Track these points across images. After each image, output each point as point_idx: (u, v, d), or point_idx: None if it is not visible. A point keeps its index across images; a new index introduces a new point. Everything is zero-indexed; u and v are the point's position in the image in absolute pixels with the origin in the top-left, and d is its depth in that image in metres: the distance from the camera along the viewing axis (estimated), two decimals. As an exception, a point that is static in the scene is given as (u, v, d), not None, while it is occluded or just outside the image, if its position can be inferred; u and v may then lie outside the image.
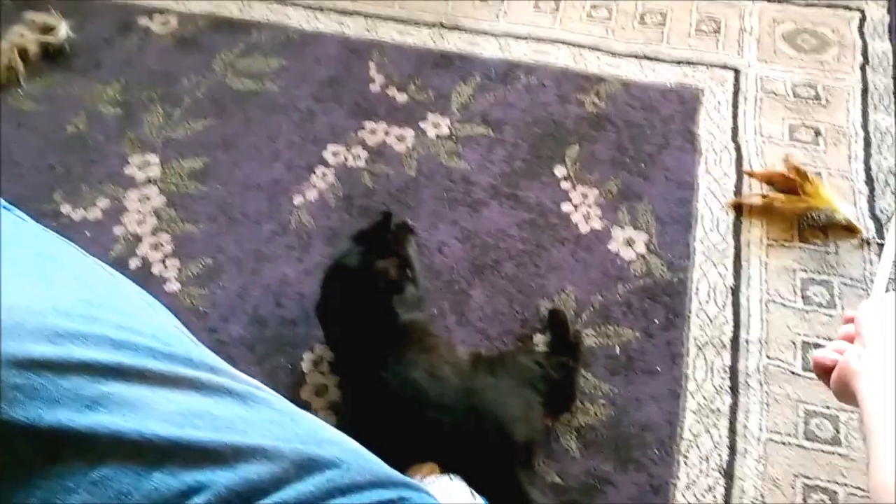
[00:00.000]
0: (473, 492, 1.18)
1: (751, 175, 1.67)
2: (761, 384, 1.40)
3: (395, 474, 0.67)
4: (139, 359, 0.67)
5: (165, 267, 1.57)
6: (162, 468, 0.61)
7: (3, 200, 0.79)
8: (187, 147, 1.76)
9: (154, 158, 1.74)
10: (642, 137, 1.74)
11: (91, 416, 0.62)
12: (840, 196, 1.62)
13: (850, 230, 1.57)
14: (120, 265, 1.56)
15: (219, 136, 1.77)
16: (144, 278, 1.54)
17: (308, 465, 0.62)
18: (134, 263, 1.57)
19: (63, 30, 1.91)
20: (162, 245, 1.60)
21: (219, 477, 0.60)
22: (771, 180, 1.66)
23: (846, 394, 0.81)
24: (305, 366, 1.45)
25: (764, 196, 1.63)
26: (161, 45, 1.95)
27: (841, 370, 0.81)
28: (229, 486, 0.59)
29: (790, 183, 1.62)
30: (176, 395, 0.66)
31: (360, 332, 1.33)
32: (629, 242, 1.59)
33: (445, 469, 1.22)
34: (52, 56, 1.91)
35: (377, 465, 0.67)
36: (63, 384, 0.64)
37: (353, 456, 0.66)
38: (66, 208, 1.65)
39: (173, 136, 1.77)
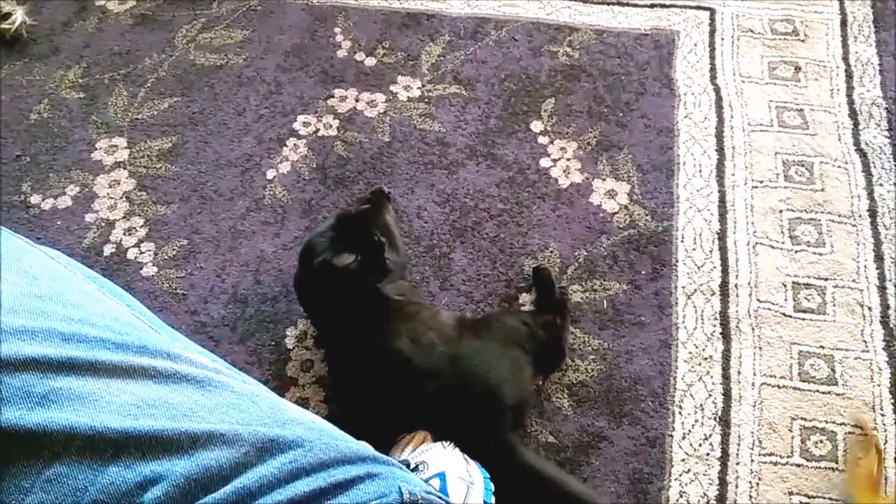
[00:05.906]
0: (468, 458, 1.17)
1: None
2: (753, 328, 1.38)
3: (364, 450, 0.65)
4: (90, 351, 0.65)
5: (140, 251, 1.53)
6: (117, 461, 0.58)
7: None
8: (154, 127, 1.71)
9: (121, 141, 1.69)
10: (618, 86, 1.70)
11: (42, 413, 0.61)
12: None
13: None
14: (94, 252, 1.53)
15: (186, 114, 1.73)
16: (120, 264, 1.51)
17: (269, 447, 0.60)
18: (108, 250, 1.54)
19: (19, 16, 1.86)
20: (135, 229, 1.56)
21: (176, 466, 0.58)
22: None
23: None
24: (289, 342, 1.42)
25: None
26: (120, 24, 1.90)
27: None
28: (187, 474, 0.57)
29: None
30: (130, 386, 0.63)
31: (340, 305, 1.30)
32: (611, 194, 1.55)
33: (437, 437, 1.20)
34: (10, 43, 1.86)
35: (344, 442, 0.65)
36: (11, 382, 0.62)
37: (317, 434, 0.63)
38: (35, 198, 1.61)
39: (139, 116, 1.73)
